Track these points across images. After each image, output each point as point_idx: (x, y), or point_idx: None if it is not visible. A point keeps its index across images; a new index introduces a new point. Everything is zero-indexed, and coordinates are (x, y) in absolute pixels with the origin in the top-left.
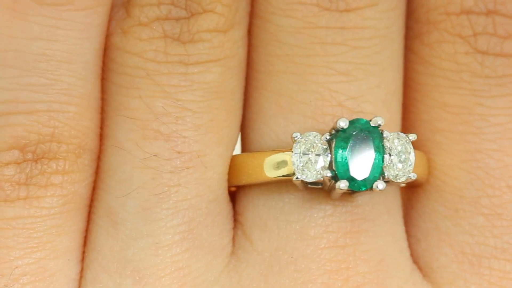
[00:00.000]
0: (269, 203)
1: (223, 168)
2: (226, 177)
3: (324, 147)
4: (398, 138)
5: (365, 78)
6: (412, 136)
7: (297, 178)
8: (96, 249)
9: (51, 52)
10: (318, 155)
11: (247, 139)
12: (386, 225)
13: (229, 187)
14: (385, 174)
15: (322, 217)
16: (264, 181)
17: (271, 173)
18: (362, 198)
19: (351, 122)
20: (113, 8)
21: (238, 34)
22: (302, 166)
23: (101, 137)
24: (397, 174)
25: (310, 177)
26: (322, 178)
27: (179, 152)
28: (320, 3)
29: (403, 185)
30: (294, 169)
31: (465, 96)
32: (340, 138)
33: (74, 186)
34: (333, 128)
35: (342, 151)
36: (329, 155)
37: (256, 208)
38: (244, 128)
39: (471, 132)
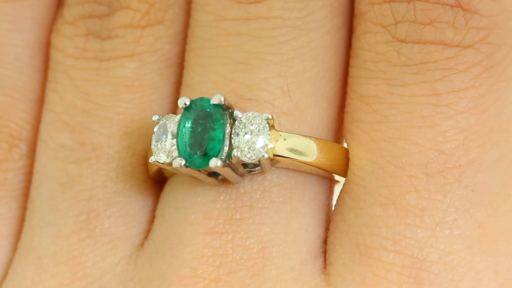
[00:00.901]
0: (169, 193)
1: (132, 160)
2: (138, 168)
3: (175, 127)
4: (251, 118)
5: (263, 67)
6: (267, 115)
7: (151, 160)
8: (20, 237)
9: None
10: (170, 136)
11: None
12: (277, 214)
13: (152, 178)
14: (235, 153)
15: (204, 203)
16: (154, 170)
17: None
18: (250, 186)
19: (194, 102)
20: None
21: (166, 30)
22: (158, 149)
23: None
24: (247, 154)
25: (162, 159)
26: (172, 159)
27: (82, 144)
28: None
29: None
30: (153, 152)
31: (379, 85)
32: (183, 117)
33: (7, 174)
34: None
35: (184, 130)
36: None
37: (162, 198)
38: None
39: (378, 120)
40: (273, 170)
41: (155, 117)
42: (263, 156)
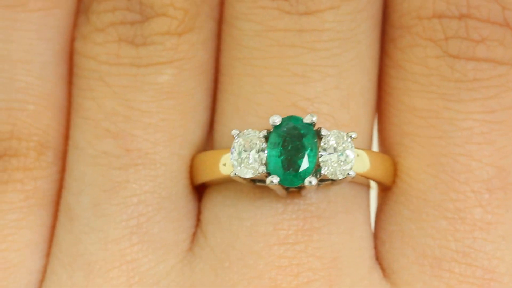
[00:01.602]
0: (224, 201)
1: (177, 166)
2: (183, 174)
3: (261, 144)
4: (337, 136)
5: (321, 79)
6: (353, 134)
7: (234, 174)
8: (56, 243)
9: (7, 53)
10: (255, 151)
11: (212, 140)
12: (343, 224)
13: (193, 185)
14: (321, 171)
15: (273, 215)
16: (217, 178)
17: (224, 171)
18: (316, 197)
19: (284, 120)
20: (77, 14)
21: (197, 37)
22: (239, 162)
23: (66, 138)
24: (334, 171)
25: (246, 173)
26: (258, 174)
27: (127, 150)
28: (280, 6)
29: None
30: (233, 165)
31: (433, 100)
32: (273, 134)
33: (36, 182)
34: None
35: (275, 147)
36: (265, 152)
37: (213, 206)
38: (211, 130)
39: (437, 136)
40: None
41: (234, 131)
42: (349, 174)
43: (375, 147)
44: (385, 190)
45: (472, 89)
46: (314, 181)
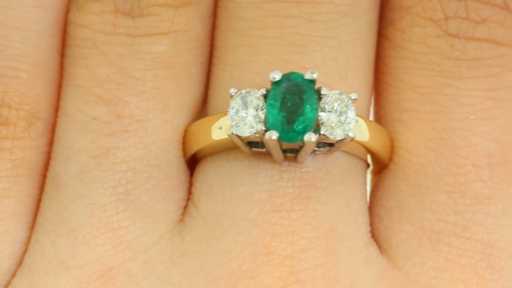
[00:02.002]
0: (217, 170)
1: (169, 135)
2: (175, 144)
3: (259, 102)
4: (337, 96)
5: (320, 50)
6: (354, 95)
7: (232, 133)
8: (41, 213)
9: (3, 19)
10: (253, 109)
11: (207, 112)
12: (340, 195)
13: (186, 157)
14: (321, 131)
15: (268, 182)
16: (210, 144)
17: (216, 136)
18: (313, 165)
19: (285, 76)
20: None
21: (195, 11)
22: (237, 121)
23: (56, 109)
24: (334, 132)
25: (244, 132)
26: (256, 133)
27: (118, 116)
28: None
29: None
30: (230, 125)
31: (433, 77)
32: (273, 91)
33: (25, 152)
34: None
35: (274, 104)
36: (264, 110)
37: (206, 176)
38: (205, 103)
39: (438, 111)
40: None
41: (232, 90)
42: (349, 135)
43: None
44: (378, 171)
45: (472, 67)
46: (314, 137)
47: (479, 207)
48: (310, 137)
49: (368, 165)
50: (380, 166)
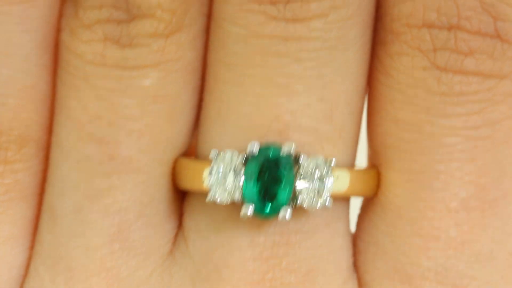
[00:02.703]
0: (204, 210)
1: (160, 171)
2: (165, 179)
3: (239, 168)
4: (315, 163)
5: (305, 91)
6: (333, 162)
7: (209, 199)
8: (39, 241)
9: None
10: (232, 176)
11: (196, 142)
12: (322, 237)
13: (177, 186)
14: (298, 201)
15: (249, 229)
16: (199, 190)
17: (205, 185)
18: (296, 212)
19: (261, 150)
20: (65, 3)
21: (186, 37)
22: (216, 189)
23: (48, 130)
24: (311, 201)
25: (222, 199)
26: (235, 200)
27: (110, 156)
28: (267, 11)
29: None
30: (209, 189)
31: (417, 113)
32: (250, 163)
33: (17, 175)
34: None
35: (252, 176)
36: (242, 178)
37: (194, 212)
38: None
39: (418, 151)
40: None
41: (213, 152)
42: (326, 205)
43: (363, 152)
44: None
45: (457, 104)
46: (288, 214)
47: (452, 252)
48: (285, 215)
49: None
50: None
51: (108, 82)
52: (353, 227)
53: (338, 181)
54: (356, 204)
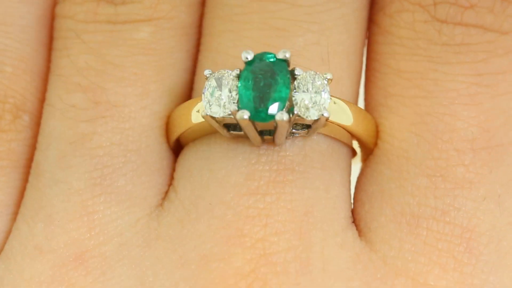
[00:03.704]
0: (197, 154)
1: (148, 120)
2: (155, 129)
3: (233, 82)
4: (311, 76)
5: (302, 34)
6: (328, 75)
7: (205, 114)
8: (23, 202)
9: None
10: (227, 90)
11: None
12: (318, 180)
13: (170, 142)
14: (295, 111)
15: (245, 166)
16: (190, 128)
17: (195, 119)
18: (291, 149)
19: (257, 56)
20: None
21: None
22: (211, 103)
23: (43, 103)
24: (308, 112)
25: (218, 112)
26: (230, 113)
27: (95, 102)
28: None
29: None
30: (204, 106)
31: (420, 62)
32: (245, 71)
33: (10, 144)
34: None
35: (246, 84)
36: (237, 90)
37: (186, 160)
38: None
39: (422, 95)
40: (313, 136)
41: (207, 71)
42: (323, 114)
43: None
44: (366, 158)
45: (459, 52)
46: (285, 116)
47: (459, 192)
48: (282, 116)
49: (354, 152)
50: (367, 153)
51: (99, 35)
52: None
53: (339, 112)
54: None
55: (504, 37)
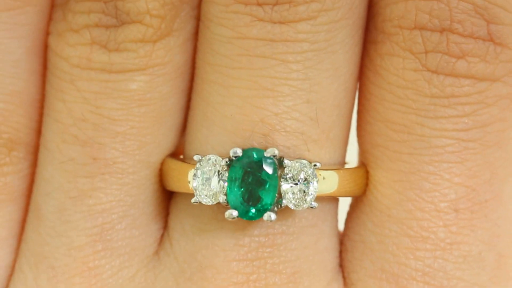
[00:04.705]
0: (189, 210)
1: (145, 173)
2: (151, 181)
3: (223, 171)
4: (299, 166)
5: (291, 94)
6: (317, 164)
7: (195, 201)
8: (25, 240)
9: None
10: (216, 179)
11: (183, 143)
12: (307, 238)
13: (164, 187)
14: (283, 203)
15: (234, 230)
16: (185, 191)
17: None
18: (282, 213)
19: (246, 152)
20: (53, 7)
21: (175, 41)
22: (201, 193)
23: (38, 132)
24: (296, 203)
25: (207, 201)
26: (220, 202)
27: (94, 158)
28: (253, 12)
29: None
30: (194, 191)
31: (407, 114)
32: (234, 167)
33: (6, 178)
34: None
35: (234, 180)
36: (226, 182)
37: (180, 213)
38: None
39: (408, 152)
40: None
41: (196, 157)
42: (312, 206)
43: (354, 151)
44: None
45: (448, 106)
46: (273, 216)
47: (440, 253)
48: (270, 217)
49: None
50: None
51: (94, 85)
52: (341, 226)
53: (326, 182)
54: (345, 202)
55: (495, 85)
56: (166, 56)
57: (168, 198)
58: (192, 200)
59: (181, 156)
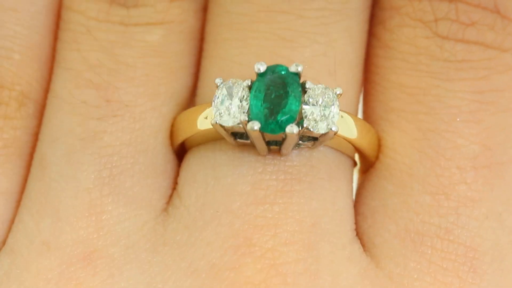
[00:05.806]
0: (201, 160)
1: (157, 122)
2: (162, 131)
3: (244, 93)
4: (321, 90)
5: (309, 45)
6: (338, 90)
7: (215, 122)
8: (26, 193)
9: None
10: (237, 100)
11: (195, 103)
12: (325, 191)
13: (174, 146)
14: (304, 124)
15: (252, 174)
16: (195, 134)
17: (202, 125)
18: (298, 159)
19: (270, 68)
20: None
21: (189, 4)
22: (221, 111)
23: (47, 92)
24: (317, 125)
25: (228, 122)
26: (240, 123)
27: (107, 101)
28: None
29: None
30: (214, 114)
31: (421, 77)
32: (257, 82)
33: (16, 131)
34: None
35: (258, 95)
36: (248, 101)
37: (190, 166)
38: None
39: (424, 111)
40: (319, 148)
41: (218, 80)
42: (332, 128)
43: None
44: (365, 170)
45: (461, 69)
46: (295, 129)
47: (462, 210)
48: (292, 129)
49: (355, 163)
50: (367, 165)
51: (111, 35)
52: None
53: (346, 125)
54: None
55: (504, 55)
56: (181, 15)
57: (177, 163)
58: (212, 122)
59: None
